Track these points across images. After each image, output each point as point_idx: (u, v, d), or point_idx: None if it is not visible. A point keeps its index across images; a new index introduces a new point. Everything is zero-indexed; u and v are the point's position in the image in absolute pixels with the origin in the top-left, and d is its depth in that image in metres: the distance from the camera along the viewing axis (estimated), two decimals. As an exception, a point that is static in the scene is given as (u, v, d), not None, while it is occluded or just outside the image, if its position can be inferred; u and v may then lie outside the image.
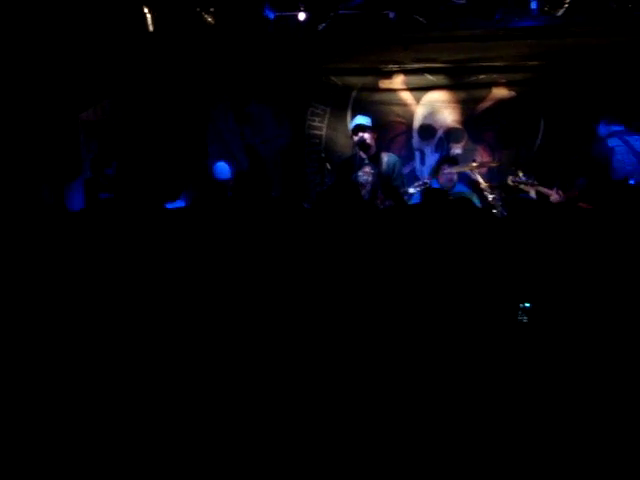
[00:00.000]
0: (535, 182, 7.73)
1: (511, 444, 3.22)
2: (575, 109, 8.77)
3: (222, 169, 8.14)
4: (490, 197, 7.67)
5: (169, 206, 6.94)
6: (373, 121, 8.07)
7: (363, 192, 7.41)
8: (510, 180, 7.75)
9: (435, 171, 8.29)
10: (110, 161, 7.48)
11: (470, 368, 3.56)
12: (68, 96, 7.64)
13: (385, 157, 7.85)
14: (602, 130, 7.09)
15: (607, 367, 3.53)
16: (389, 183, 7.53)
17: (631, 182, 7.03)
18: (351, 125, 8.10)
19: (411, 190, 7.54)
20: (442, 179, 8.24)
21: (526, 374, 3.56)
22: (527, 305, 3.93)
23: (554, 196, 7.57)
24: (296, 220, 4.77)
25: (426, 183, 7.64)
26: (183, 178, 8.19)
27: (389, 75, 9.31)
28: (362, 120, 7.88)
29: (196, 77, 8.90)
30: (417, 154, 9.42)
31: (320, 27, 7.52)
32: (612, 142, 6.94)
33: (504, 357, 3.66)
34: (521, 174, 7.74)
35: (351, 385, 3.51)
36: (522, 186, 7.79)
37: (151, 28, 7.35)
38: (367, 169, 7.69)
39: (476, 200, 7.97)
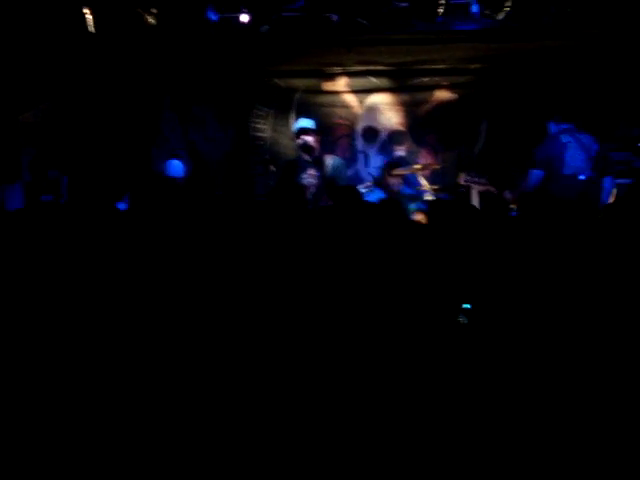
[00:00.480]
0: (487, 182, 7.79)
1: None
2: (516, 111, 8.87)
3: (175, 167, 8.09)
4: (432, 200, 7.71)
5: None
6: (317, 123, 8.08)
7: (308, 194, 7.40)
8: (463, 179, 7.78)
9: (380, 176, 8.32)
10: (51, 164, 7.36)
11: (409, 368, 3.58)
12: (7, 98, 7.52)
13: (329, 160, 7.86)
14: (553, 128, 7.24)
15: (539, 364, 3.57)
16: (334, 184, 7.53)
17: (581, 177, 7.18)
18: (295, 127, 8.09)
19: (356, 192, 7.56)
20: (387, 183, 8.25)
21: (465, 372, 3.58)
22: (467, 306, 3.96)
23: (508, 196, 7.63)
24: (243, 220, 4.76)
25: (369, 186, 7.68)
26: (126, 179, 8.11)
27: (332, 77, 9.34)
28: (305, 123, 7.88)
29: (138, 78, 8.81)
30: (361, 156, 9.45)
31: (263, 29, 7.50)
32: (565, 138, 7.10)
33: (443, 356, 3.69)
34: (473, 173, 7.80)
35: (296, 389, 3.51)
36: (474, 185, 7.83)
37: (92, 29, 7.26)
38: (311, 172, 7.68)
39: (420, 202, 8.00)
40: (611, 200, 7.32)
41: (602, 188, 7.25)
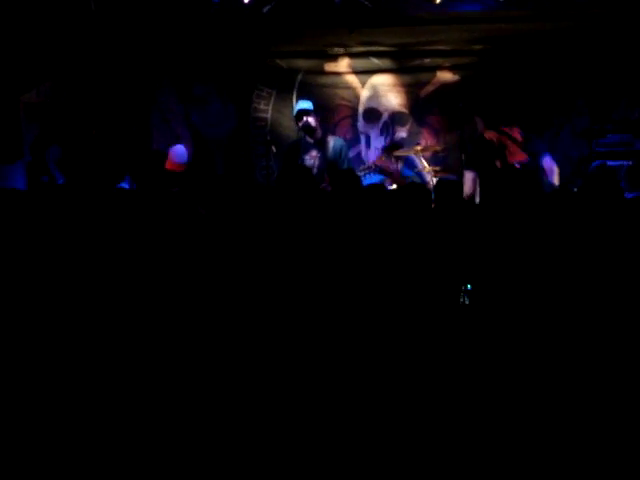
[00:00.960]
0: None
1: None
2: (518, 92, 8.85)
3: (180, 152, 8.07)
4: (434, 181, 7.71)
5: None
6: (319, 104, 8.08)
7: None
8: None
9: (381, 157, 8.31)
10: (51, 144, 7.36)
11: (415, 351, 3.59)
12: (9, 77, 7.50)
13: (331, 141, 7.86)
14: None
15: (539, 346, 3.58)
16: (335, 166, 7.53)
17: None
18: (294, 110, 8.08)
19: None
20: (388, 165, 8.24)
21: (467, 355, 3.59)
22: (469, 287, 3.97)
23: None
24: (246, 204, 4.77)
25: (370, 167, 7.67)
26: (126, 159, 8.11)
27: (334, 58, 9.30)
28: (304, 105, 7.88)
29: (139, 58, 8.79)
30: (362, 137, 9.43)
31: (265, 9, 7.47)
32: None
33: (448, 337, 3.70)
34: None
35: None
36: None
37: (93, 7, 7.23)
38: (313, 153, 7.70)
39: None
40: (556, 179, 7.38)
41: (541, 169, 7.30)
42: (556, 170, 7.82)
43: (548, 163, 7.75)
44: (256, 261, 4.03)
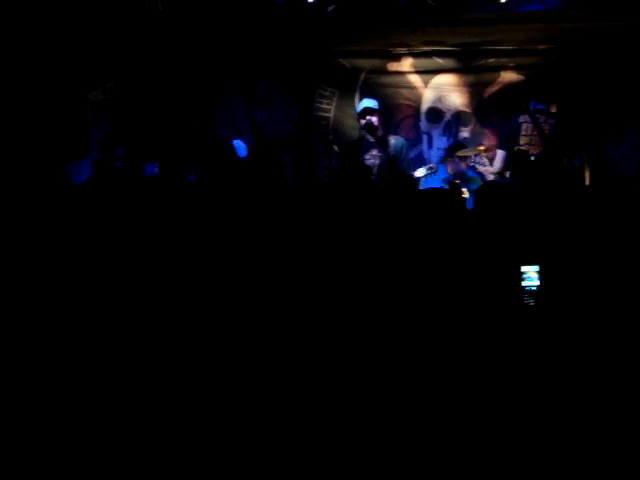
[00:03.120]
0: None
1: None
2: (585, 92, 8.74)
3: (239, 146, 8.15)
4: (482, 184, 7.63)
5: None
6: (381, 104, 8.06)
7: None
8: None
9: (446, 158, 8.26)
10: (118, 142, 7.49)
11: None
12: (76, 76, 7.65)
13: (392, 140, 7.84)
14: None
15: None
16: (396, 166, 7.52)
17: None
18: (358, 108, 8.09)
19: (418, 174, 7.54)
20: (450, 166, 8.19)
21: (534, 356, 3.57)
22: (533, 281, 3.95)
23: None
24: (307, 202, 4.80)
25: (432, 168, 7.65)
26: (191, 158, 8.21)
27: (398, 58, 9.28)
28: (369, 103, 7.87)
29: (204, 57, 8.90)
30: (425, 137, 9.40)
31: (329, 9, 7.51)
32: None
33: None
34: None
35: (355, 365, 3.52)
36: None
37: (160, 7, 7.35)
38: (374, 152, 7.70)
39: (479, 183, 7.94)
40: None
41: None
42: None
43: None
44: (306, 256, 4.06)
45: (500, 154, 7.93)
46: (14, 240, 4.23)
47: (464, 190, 7.21)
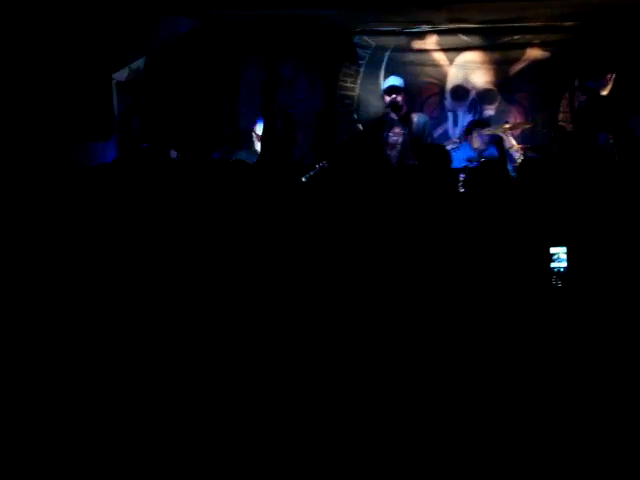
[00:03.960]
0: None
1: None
2: (611, 69, 8.64)
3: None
4: (522, 159, 7.59)
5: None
6: (406, 82, 8.02)
7: (394, 152, 7.41)
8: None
9: (466, 134, 8.21)
10: (136, 117, 7.52)
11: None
12: (100, 56, 7.67)
13: (415, 117, 7.83)
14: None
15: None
16: (419, 143, 7.50)
17: None
18: (384, 85, 8.05)
19: (444, 149, 7.51)
20: (475, 142, 8.14)
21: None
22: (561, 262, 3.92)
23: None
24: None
25: (456, 142, 7.62)
26: (215, 137, 8.23)
27: (422, 35, 9.21)
28: (395, 81, 7.84)
29: (228, 36, 8.89)
30: (450, 115, 9.34)
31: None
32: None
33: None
34: None
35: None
36: None
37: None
38: (397, 129, 7.68)
39: (507, 163, 7.90)
40: None
41: None
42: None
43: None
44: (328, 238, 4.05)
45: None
46: (28, 223, 4.25)
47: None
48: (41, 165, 6.32)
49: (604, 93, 7.83)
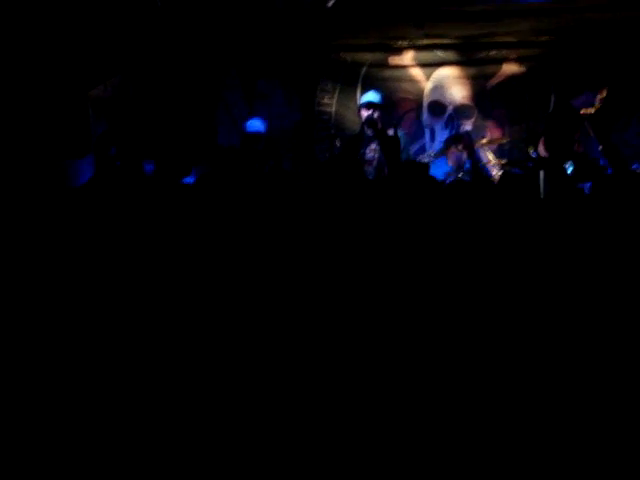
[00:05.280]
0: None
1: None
2: (586, 84, 8.71)
3: (255, 124, 8.18)
4: (499, 174, 7.63)
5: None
6: (383, 98, 8.06)
7: (370, 169, 7.41)
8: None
9: (445, 149, 8.24)
10: (114, 141, 7.50)
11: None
12: (77, 72, 7.65)
13: (391, 133, 7.83)
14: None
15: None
16: (399, 156, 7.49)
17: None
18: (361, 101, 8.07)
19: (417, 164, 7.53)
20: (451, 158, 8.15)
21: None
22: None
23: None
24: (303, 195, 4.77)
25: (431, 155, 7.67)
26: (193, 154, 8.20)
27: (399, 51, 9.26)
28: (372, 97, 7.84)
29: (205, 53, 8.89)
30: (427, 131, 9.39)
31: (329, 4, 7.49)
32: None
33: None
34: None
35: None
36: None
37: (159, 3, 7.34)
38: (373, 146, 7.67)
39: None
40: None
41: None
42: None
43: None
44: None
45: None
46: (13, 240, 4.23)
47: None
48: (16, 182, 6.29)
49: (589, 111, 7.83)
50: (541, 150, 7.37)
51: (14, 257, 4.12)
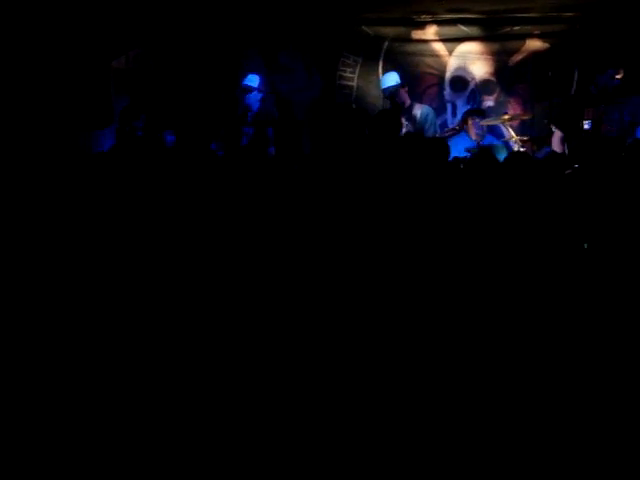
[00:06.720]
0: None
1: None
2: (610, 60, 8.62)
3: (251, 79, 8.21)
4: (521, 150, 7.57)
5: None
6: (405, 72, 8.03)
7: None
8: None
9: (463, 123, 8.19)
10: (139, 113, 7.49)
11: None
12: (99, 44, 7.64)
13: (418, 110, 7.82)
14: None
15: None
16: (422, 133, 7.49)
17: None
18: (382, 85, 8.04)
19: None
20: (472, 131, 8.11)
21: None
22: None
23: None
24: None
25: (455, 129, 7.63)
26: (214, 126, 8.19)
27: (422, 25, 9.20)
28: (390, 82, 7.82)
29: (226, 24, 8.85)
30: (449, 106, 9.34)
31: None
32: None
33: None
34: None
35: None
36: None
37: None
38: (403, 120, 7.65)
39: (505, 153, 7.88)
40: None
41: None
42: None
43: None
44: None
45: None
46: (30, 210, 4.24)
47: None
48: (46, 153, 6.30)
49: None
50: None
51: (33, 225, 4.14)
